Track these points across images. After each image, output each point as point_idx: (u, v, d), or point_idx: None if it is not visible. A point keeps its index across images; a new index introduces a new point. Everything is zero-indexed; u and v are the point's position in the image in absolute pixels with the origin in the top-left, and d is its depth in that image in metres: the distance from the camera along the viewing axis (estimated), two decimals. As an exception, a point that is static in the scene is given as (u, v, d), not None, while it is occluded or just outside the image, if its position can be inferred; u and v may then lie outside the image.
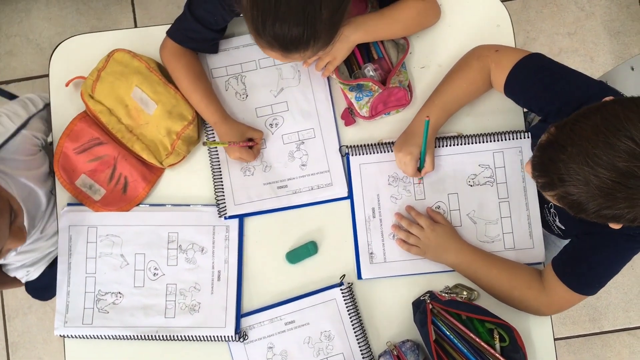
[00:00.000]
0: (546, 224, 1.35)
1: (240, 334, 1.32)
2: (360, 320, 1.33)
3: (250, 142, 1.33)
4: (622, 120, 0.88)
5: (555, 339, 1.33)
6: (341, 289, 1.33)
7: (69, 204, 1.38)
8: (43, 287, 1.59)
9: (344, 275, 1.34)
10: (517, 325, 1.24)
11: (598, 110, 0.93)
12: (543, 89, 1.18)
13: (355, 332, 1.32)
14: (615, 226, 1.01)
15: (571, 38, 2.36)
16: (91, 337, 1.34)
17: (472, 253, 1.30)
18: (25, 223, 1.29)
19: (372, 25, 1.29)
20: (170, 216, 1.37)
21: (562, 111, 1.12)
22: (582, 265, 1.20)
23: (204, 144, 1.30)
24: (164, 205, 1.38)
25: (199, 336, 1.32)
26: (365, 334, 1.33)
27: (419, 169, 1.31)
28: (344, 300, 1.32)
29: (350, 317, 1.32)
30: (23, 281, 1.61)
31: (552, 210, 1.31)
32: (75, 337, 1.34)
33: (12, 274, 1.53)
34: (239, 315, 1.34)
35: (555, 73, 1.19)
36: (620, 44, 2.34)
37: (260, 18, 1.05)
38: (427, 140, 1.23)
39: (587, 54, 2.35)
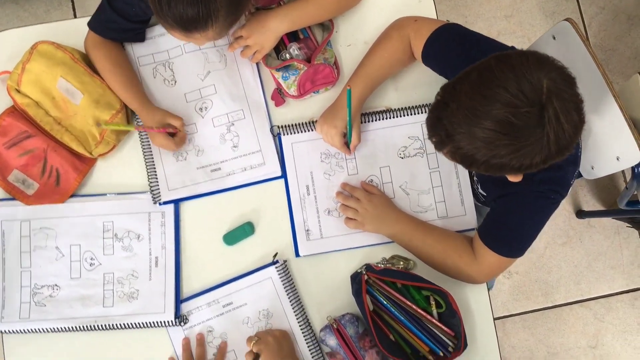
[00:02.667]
0: (474, 194, 1.37)
1: (180, 318, 1.32)
2: (298, 296, 1.34)
3: (170, 129, 1.33)
4: (495, 72, 0.93)
5: (510, 315, 1.35)
6: (276, 267, 1.33)
7: (0, 199, 1.37)
8: None
9: (277, 254, 1.34)
10: (453, 292, 1.27)
11: (476, 67, 0.97)
12: (457, 56, 1.20)
13: (293, 309, 1.32)
14: (512, 178, 1.04)
15: (508, 20, 2.42)
16: (30, 332, 1.32)
17: (409, 222, 1.32)
18: None
19: (297, 15, 1.32)
20: (105, 205, 1.36)
21: None
22: (503, 229, 1.23)
23: (99, 125, 1.30)
24: (97, 195, 1.37)
25: (139, 323, 1.32)
26: (304, 310, 1.33)
27: (347, 145, 1.33)
28: (280, 277, 1.33)
29: (287, 294, 1.32)
30: None
31: (475, 178, 1.34)
32: (13, 332, 1.32)
33: None
34: (179, 300, 1.33)
35: (469, 41, 1.22)
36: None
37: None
38: (352, 112, 1.24)
39: (525, 35, 2.41)
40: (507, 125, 0.92)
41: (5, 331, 1.33)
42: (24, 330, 1.32)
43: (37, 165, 1.36)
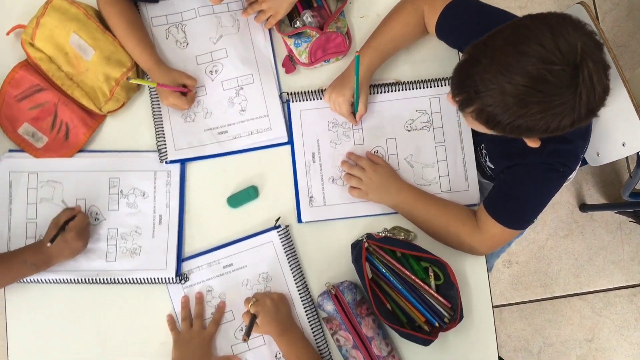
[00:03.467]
0: (480, 168, 1.38)
1: (181, 276, 1.33)
2: (298, 261, 1.35)
3: (184, 89, 1.34)
4: (531, 29, 0.93)
5: (508, 304, 1.36)
6: (278, 232, 1.34)
7: (10, 150, 1.38)
8: None
9: (279, 218, 1.35)
10: (452, 264, 1.27)
11: (509, 25, 0.97)
12: (472, 28, 1.21)
13: (293, 274, 1.33)
14: (531, 143, 1.04)
15: (522, 11, 2.41)
16: (32, 282, 1.33)
17: (412, 192, 1.33)
18: None
19: None
20: (112, 162, 1.37)
21: None
22: (509, 200, 1.23)
23: (128, 79, 1.31)
24: (105, 151, 1.38)
25: (140, 278, 1.33)
26: (303, 275, 1.35)
27: (354, 114, 1.34)
28: (281, 242, 1.34)
29: (287, 259, 1.34)
30: None
31: (483, 151, 1.35)
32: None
33: None
34: (180, 258, 1.35)
35: (484, 12, 1.22)
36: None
37: None
38: (360, 82, 1.25)
39: (538, 26, 2.40)
40: (541, 81, 0.91)
41: None
42: (27, 280, 1.33)
43: (47, 119, 1.37)
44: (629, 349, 2.29)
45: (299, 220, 1.36)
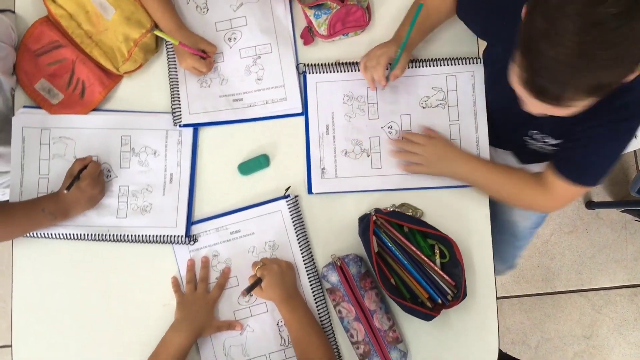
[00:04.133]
0: (523, 154, 1.36)
1: (190, 237, 1.34)
2: (305, 232, 1.35)
3: (203, 54, 1.35)
4: None
5: (509, 297, 1.36)
6: (287, 201, 1.35)
7: (24, 107, 1.39)
8: None
9: (289, 187, 1.36)
10: (459, 244, 1.28)
11: None
12: (490, 6, 1.21)
13: (299, 243, 1.34)
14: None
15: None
16: (43, 237, 1.35)
17: (473, 159, 1.32)
18: None
19: None
20: (124, 120, 1.38)
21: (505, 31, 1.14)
22: (578, 155, 1.19)
23: (153, 31, 1.31)
24: (119, 111, 1.39)
25: (150, 236, 1.34)
26: (309, 245, 1.35)
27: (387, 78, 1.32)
28: (290, 211, 1.34)
29: (295, 229, 1.34)
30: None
31: (536, 135, 1.32)
32: (27, 236, 1.35)
33: None
34: (190, 218, 1.36)
35: None
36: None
37: None
38: (407, 46, 1.24)
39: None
40: None
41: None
42: (38, 234, 1.34)
43: (64, 76, 1.38)
44: (626, 348, 2.30)
45: (309, 191, 1.37)
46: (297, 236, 1.34)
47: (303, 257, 1.34)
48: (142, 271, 1.36)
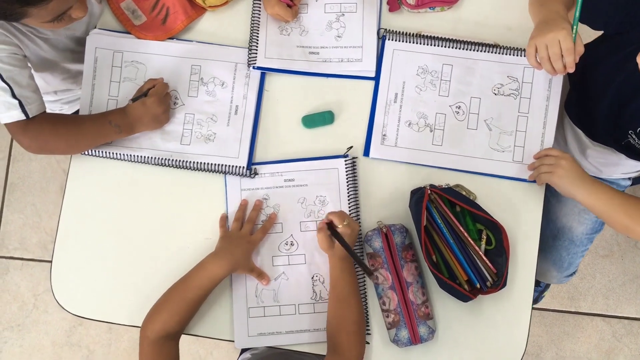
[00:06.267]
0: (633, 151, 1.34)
1: (251, 169, 1.36)
2: (357, 193, 1.36)
3: (290, 1, 1.35)
4: None
5: (534, 308, 1.33)
6: (345, 161, 1.35)
7: (98, 28, 1.41)
8: None
9: (351, 147, 1.36)
10: (507, 233, 1.27)
11: None
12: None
13: (349, 204, 1.35)
14: None
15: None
16: (108, 157, 1.38)
17: (607, 189, 1.27)
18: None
19: None
20: (196, 50, 1.40)
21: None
22: None
23: None
24: (190, 41, 1.41)
25: (212, 164, 1.36)
26: (358, 207, 1.36)
27: None
28: (346, 171, 1.35)
29: (347, 189, 1.35)
30: None
31: None
32: (89, 154, 1.39)
33: (47, 105, 1.55)
34: (252, 151, 1.37)
35: None
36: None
37: None
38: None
39: None
40: None
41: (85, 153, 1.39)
42: (102, 153, 1.37)
43: (151, 0, 1.40)
44: (639, 382, 2.27)
45: (366, 154, 1.37)
46: (348, 196, 1.35)
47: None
48: (190, 202, 1.38)
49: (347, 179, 1.35)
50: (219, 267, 1.26)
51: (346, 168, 1.35)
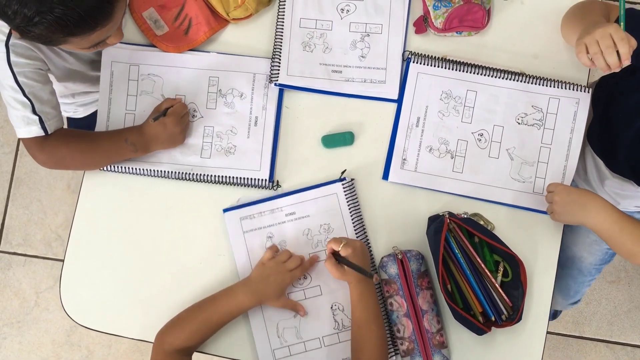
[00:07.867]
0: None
1: (273, 181, 1.34)
2: (360, 216, 1.34)
3: None
4: None
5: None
6: (342, 184, 1.34)
7: None
8: (84, 127, 1.61)
9: (345, 170, 1.35)
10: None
11: None
12: None
13: (354, 227, 1.33)
14: None
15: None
16: (127, 172, 1.36)
17: (615, 212, 1.22)
18: None
19: None
20: (213, 61, 1.38)
21: None
22: None
23: None
24: (206, 51, 1.40)
25: (233, 177, 1.34)
26: (365, 230, 1.34)
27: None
28: (345, 195, 1.33)
29: (350, 213, 1.33)
30: (68, 116, 1.64)
31: None
32: (106, 170, 1.37)
33: (62, 107, 1.54)
34: (274, 163, 1.36)
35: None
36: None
37: None
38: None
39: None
40: None
41: (104, 169, 1.37)
42: (121, 168, 1.35)
43: (173, 10, 1.38)
44: (640, 410, 2.26)
45: (385, 177, 1.35)
46: (352, 219, 1.33)
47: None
48: (205, 218, 1.36)
49: (347, 202, 1.33)
50: (249, 299, 1.25)
51: (344, 191, 1.33)
